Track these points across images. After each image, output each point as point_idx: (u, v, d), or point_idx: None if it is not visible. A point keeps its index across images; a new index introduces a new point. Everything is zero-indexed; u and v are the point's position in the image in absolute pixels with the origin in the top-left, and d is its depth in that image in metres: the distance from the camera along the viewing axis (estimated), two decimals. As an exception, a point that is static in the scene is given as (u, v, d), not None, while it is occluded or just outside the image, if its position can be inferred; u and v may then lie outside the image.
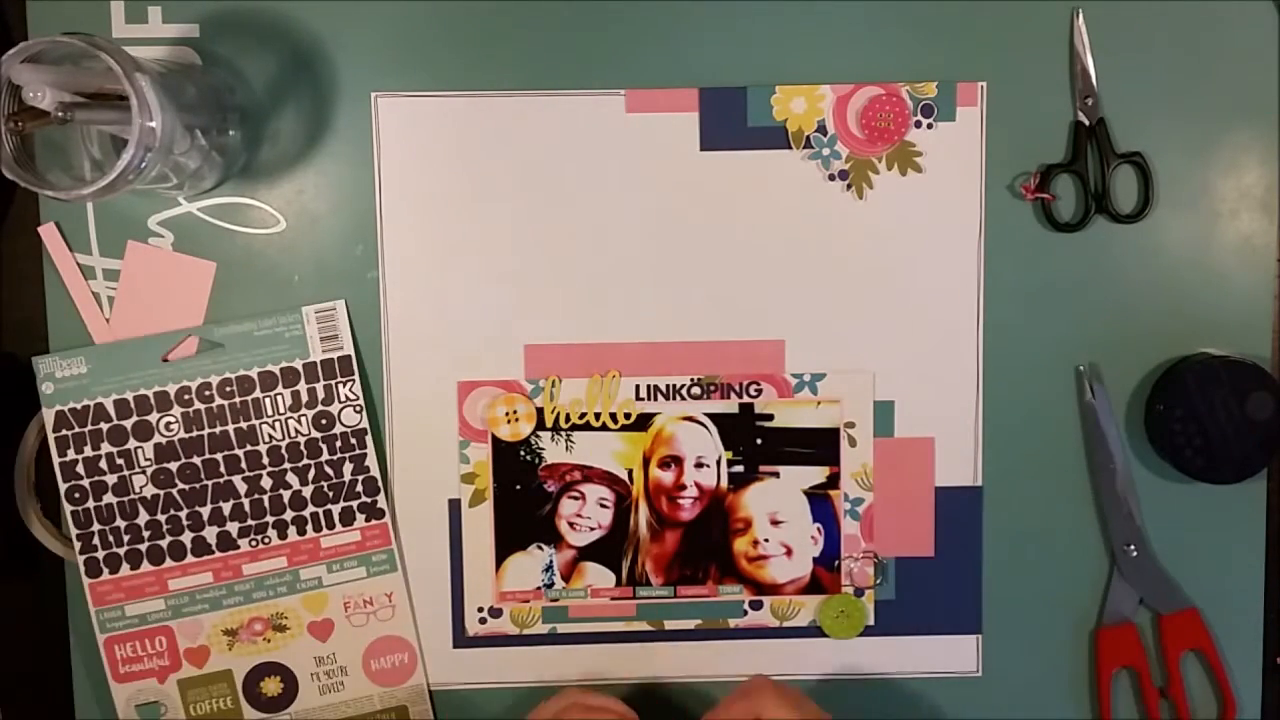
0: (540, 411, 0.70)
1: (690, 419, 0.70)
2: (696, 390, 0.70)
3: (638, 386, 0.70)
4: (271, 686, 0.71)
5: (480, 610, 0.71)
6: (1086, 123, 0.69)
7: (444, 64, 0.68)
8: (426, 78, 0.68)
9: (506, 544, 0.71)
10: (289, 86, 0.68)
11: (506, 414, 0.70)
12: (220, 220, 0.69)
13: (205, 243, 0.69)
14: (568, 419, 0.70)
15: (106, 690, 0.70)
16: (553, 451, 0.70)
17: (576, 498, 0.71)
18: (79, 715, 0.71)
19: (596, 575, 0.71)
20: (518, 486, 0.71)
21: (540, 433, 0.70)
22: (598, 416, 0.70)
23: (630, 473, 0.71)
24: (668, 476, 0.71)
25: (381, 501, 0.70)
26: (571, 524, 0.71)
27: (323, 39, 0.68)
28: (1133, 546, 0.71)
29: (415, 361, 0.70)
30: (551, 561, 0.71)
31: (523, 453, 0.70)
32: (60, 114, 0.55)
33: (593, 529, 0.71)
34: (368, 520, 0.70)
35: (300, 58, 0.68)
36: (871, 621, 0.72)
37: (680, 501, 0.71)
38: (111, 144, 0.62)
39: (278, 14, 0.68)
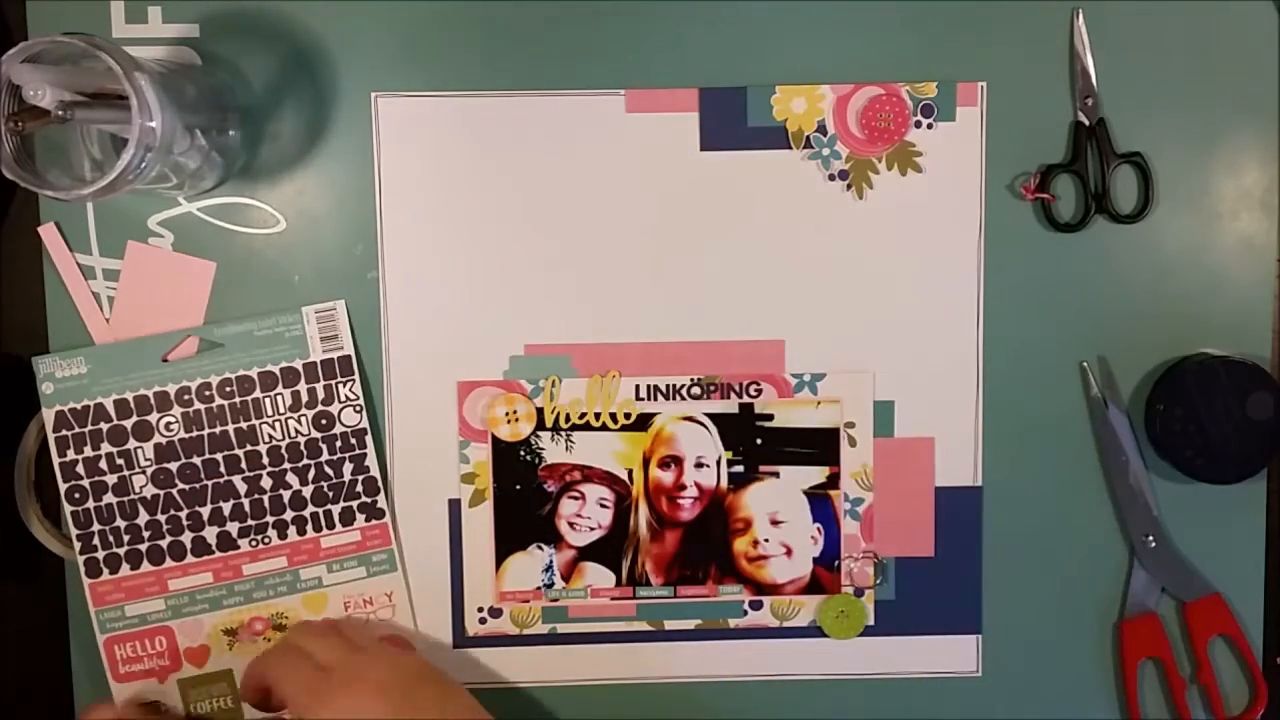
0: (540, 411, 0.70)
1: (690, 419, 0.70)
2: (696, 390, 0.70)
3: (638, 386, 0.70)
4: None
5: (480, 610, 0.71)
6: (1086, 123, 0.69)
7: (444, 64, 0.68)
8: (426, 78, 0.68)
9: (506, 544, 0.71)
10: (289, 86, 0.68)
11: (506, 414, 0.70)
12: (220, 220, 0.69)
13: (205, 243, 0.69)
14: (568, 419, 0.70)
15: (107, 690, 0.70)
16: (553, 451, 0.70)
17: (576, 498, 0.71)
18: (79, 715, 0.71)
19: (596, 575, 0.71)
20: (518, 486, 0.71)
21: (540, 433, 0.70)
22: (598, 416, 0.70)
23: (630, 473, 0.71)
24: (668, 476, 0.71)
25: (381, 501, 0.70)
26: (571, 524, 0.71)
27: (323, 39, 0.68)
28: (1151, 537, 0.71)
29: (415, 361, 0.70)
30: (551, 561, 0.71)
31: (523, 453, 0.70)
32: (60, 113, 0.55)
33: (593, 529, 0.71)
34: (368, 520, 0.70)
35: (300, 58, 0.68)
36: (871, 622, 0.72)
37: (680, 501, 0.71)
38: (111, 144, 0.62)
39: (278, 14, 0.68)
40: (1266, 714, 0.72)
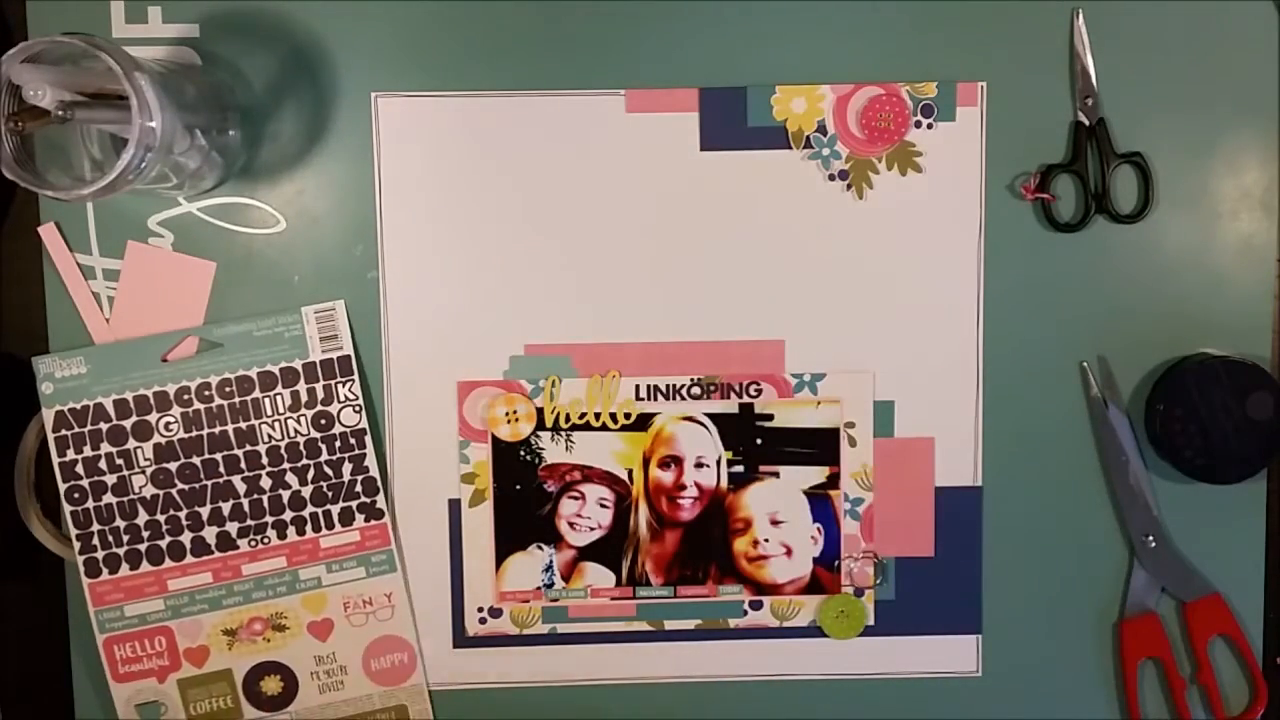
0: (540, 411, 0.70)
1: (690, 419, 0.70)
2: (696, 390, 0.70)
3: (638, 386, 0.70)
4: (271, 685, 0.71)
5: (480, 610, 0.71)
6: (1086, 123, 0.69)
7: (444, 64, 0.68)
8: (426, 78, 0.68)
9: (506, 544, 0.71)
10: (289, 86, 0.68)
11: (506, 414, 0.70)
12: (220, 220, 0.69)
13: (205, 243, 0.69)
14: (568, 419, 0.70)
15: (107, 690, 0.70)
16: (553, 451, 0.70)
17: (576, 498, 0.71)
18: (79, 715, 0.71)
19: (596, 575, 0.71)
20: (518, 486, 0.71)
21: (540, 433, 0.70)
22: (598, 416, 0.70)
23: (630, 473, 0.71)
24: (668, 476, 0.71)
25: (381, 501, 0.70)
26: (571, 524, 0.71)
27: (323, 39, 0.68)
28: (1151, 537, 0.71)
29: (415, 361, 0.70)
30: (551, 561, 0.71)
31: (523, 453, 0.70)
32: (60, 113, 0.55)
33: (593, 529, 0.71)
34: (367, 520, 0.70)
35: (300, 58, 0.68)
36: (871, 622, 0.72)
37: (680, 501, 0.71)
38: (111, 144, 0.62)
39: (278, 14, 0.68)
40: (1266, 714, 0.72)
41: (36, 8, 0.67)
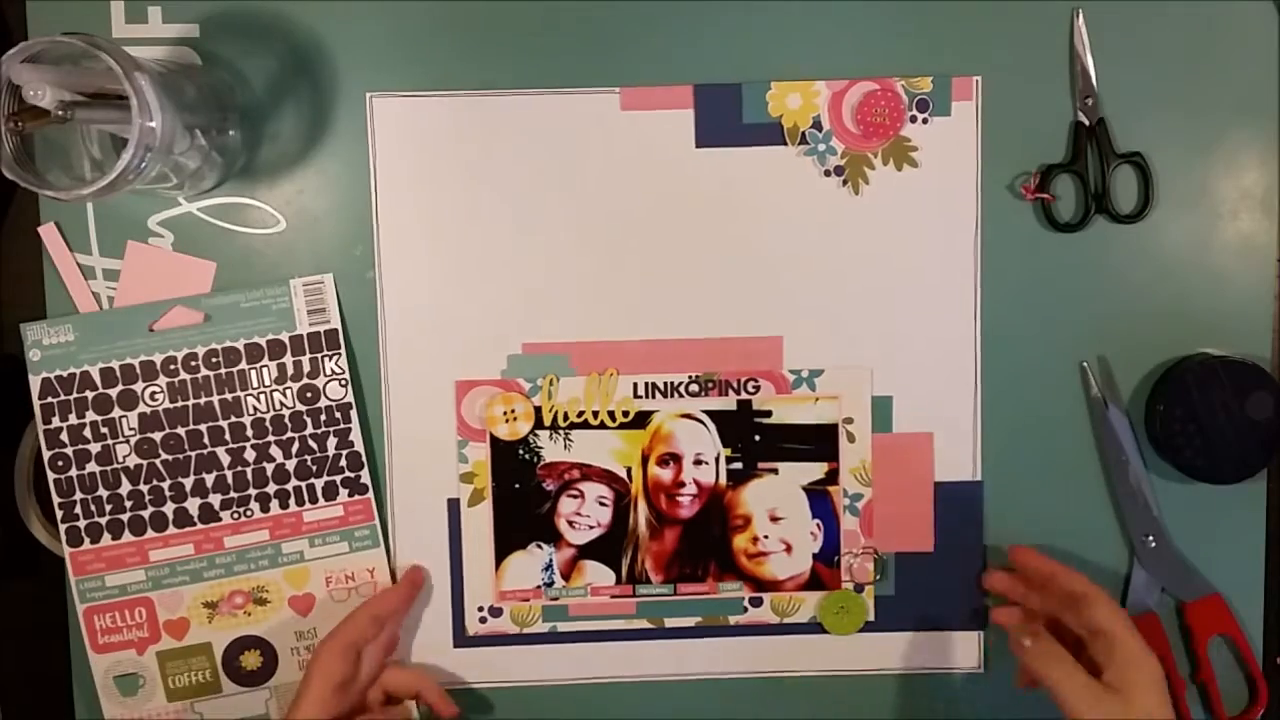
0: (538, 410, 0.70)
1: (688, 416, 0.70)
2: (694, 388, 0.70)
3: (636, 384, 0.70)
4: (251, 660, 0.70)
5: (480, 610, 0.71)
6: (1086, 123, 0.69)
7: (439, 64, 0.68)
8: (421, 77, 0.69)
9: (506, 543, 0.71)
10: (288, 86, 0.68)
11: (505, 413, 0.70)
12: (220, 220, 0.69)
13: (205, 243, 0.69)
14: (566, 418, 0.70)
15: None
16: (551, 450, 0.70)
17: (575, 496, 0.71)
18: (79, 715, 0.71)
19: (596, 573, 0.71)
20: (517, 485, 0.71)
21: (539, 431, 0.70)
22: (596, 415, 0.70)
23: (629, 471, 0.71)
24: (666, 474, 0.71)
25: (365, 476, 0.70)
26: (571, 522, 0.71)
27: (321, 39, 0.68)
28: (1151, 537, 0.71)
29: (413, 361, 0.70)
30: (551, 560, 0.71)
31: (521, 452, 0.70)
32: (60, 113, 0.55)
33: (592, 527, 0.71)
34: (350, 495, 0.70)
35: (300, 58, 0.68)
36: (871, 617, 0.72)
37: (679, 499, 0.71)
38: (111, 144, 0.62)
39: (277, 14, 0.68)
40: (1266, 714, 0.72)
41: (36, 8, 0.67)
